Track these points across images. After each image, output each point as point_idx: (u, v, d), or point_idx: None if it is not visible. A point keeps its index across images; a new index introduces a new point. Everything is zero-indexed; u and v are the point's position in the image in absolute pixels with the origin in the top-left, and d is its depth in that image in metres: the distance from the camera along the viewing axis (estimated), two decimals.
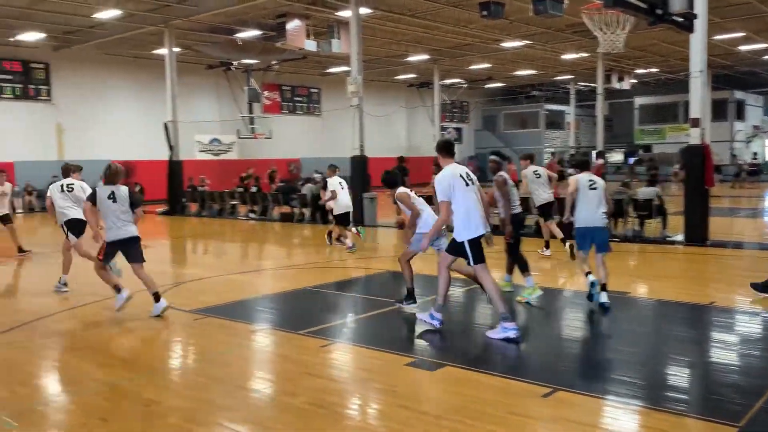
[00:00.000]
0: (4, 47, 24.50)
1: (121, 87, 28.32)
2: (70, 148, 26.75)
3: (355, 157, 18.04)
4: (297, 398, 4.95)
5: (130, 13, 20.92)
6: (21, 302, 8.71)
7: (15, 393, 5.32)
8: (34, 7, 19.97)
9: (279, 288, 9.58)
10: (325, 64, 32.21)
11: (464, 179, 6.38)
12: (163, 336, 7.10)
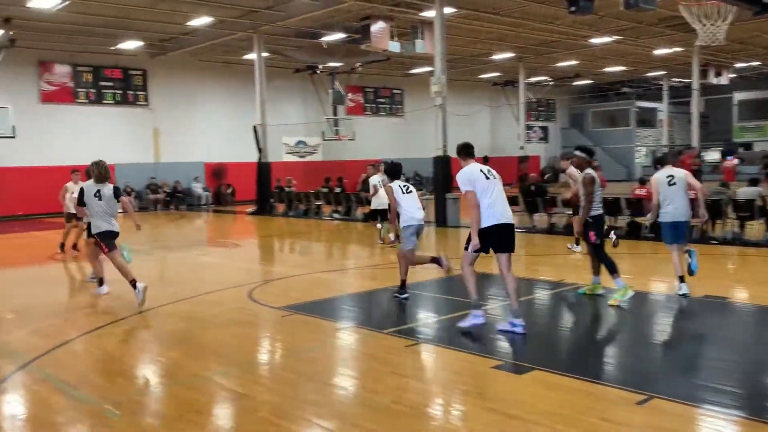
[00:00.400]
0: (106, 56, 25.95)
1: (213, 92, 29.40)
2: (165, 151, 28.03)
3: (437, 157, 17.97)
4: (382, 397, 4.97)
5: (221, 20, 21.70)
6: (118, 298, 9.16)
7: (115, 383, 5.60)
8: (133, 17, 21.04)
9: (363, 287, 9.67)
10: (408, 65, 32.29)
11: (485, 174, 6.73)
12: (252, 332, 7.30)
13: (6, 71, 22.70)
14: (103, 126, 26.31)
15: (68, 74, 25.54)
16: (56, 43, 24.09)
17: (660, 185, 8.11)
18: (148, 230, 19.69)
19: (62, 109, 25.39)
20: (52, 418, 4.79)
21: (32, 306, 8.92)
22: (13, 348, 6.70)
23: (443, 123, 17.90)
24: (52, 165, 24.86)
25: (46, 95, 25.09)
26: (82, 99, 25.84)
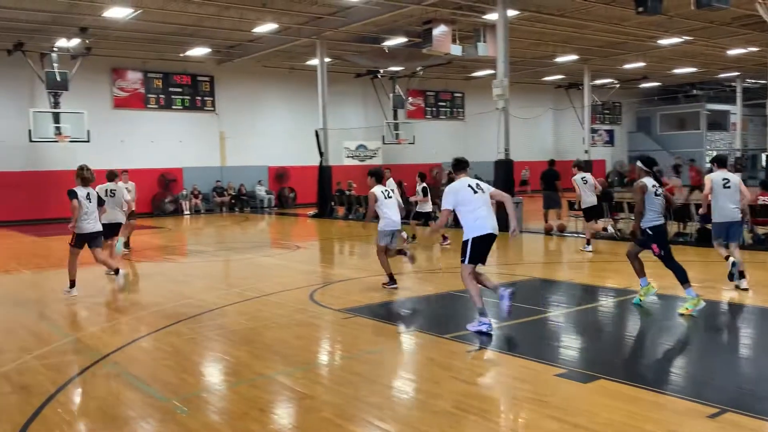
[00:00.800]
0: (175, 62, 26.81)
1: (276, 97, 29.96)
2: (230, 154, 28.73)
3: (499, 161, 17.79)
4: (444, 401, 4.95)
5: (285, 27, 22.12)
6: (186, 297, 9.44)
7: (183, 380, 5.77)
8: (202, 24, 21.68)
9: (423, 291, 9.65)
10: (469, 68, 32.12)
11: (473, 188, 7.20)
12: (314, 333, 7.40)
13: (81, 78, 23.72)
14: (171, 131, 27.19)
15: (139, 81, 26.51)
16: (129, 50, 25.05)
17: (715, 186, 8.85)
18: (213, 232, 20.24)
19: (133, 115, 26.36)
20: (124, 412, 4.97)
21: (104, 304, 9.29)
22: (87, 344, 6.98)
23: (505, 126, 17.71)
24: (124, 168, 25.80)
25: (119, 101, 26.11)
26: (153, 105, 26.78)
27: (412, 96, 33.39)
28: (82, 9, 19.22)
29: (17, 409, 5.04)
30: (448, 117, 35.71)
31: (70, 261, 9.67)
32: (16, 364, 6.22)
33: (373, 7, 19.75)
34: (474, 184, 7.27)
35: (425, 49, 20.47)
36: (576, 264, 11.98)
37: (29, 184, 23.48)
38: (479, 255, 7.17)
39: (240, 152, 28.81)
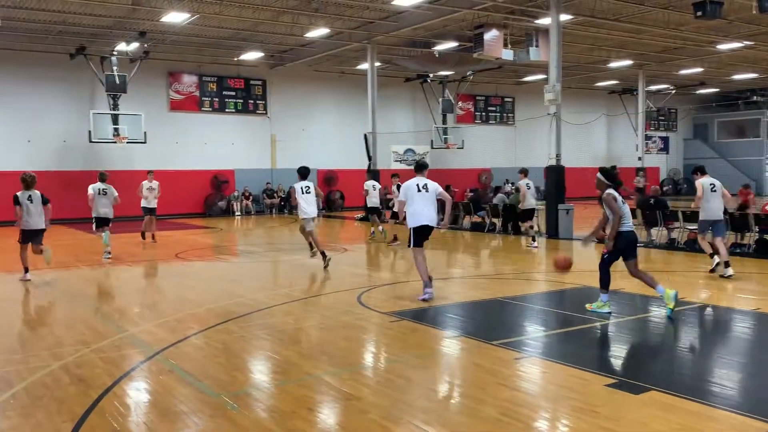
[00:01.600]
0: (229, 66, 27.39)
1: (326, 101, 30.27)
2: (280, 157, 29.14)
3: (550, 166, 17.57)
4: (490, 408, 4.92)
5: (337, 31, 22.35)
6: (237, 296, 9.62)
7: (233, 377, 5.88)
8: (256, 29, 22.09)
9: (470, 297, 9.60)
10: (520, 73, 31.84)
11: (419, 187, 9.12)
12: (362, 335, 7.44)
13: (139, 81, 24.46)
14: (224, 133, 27.76)
15: (194, 84, 27.16)
16: (185, 54, 25.71)
17: (705, 190, 10.77)
18: (262, 233, 20.56)
19: (188, 117, 27.03)
20: (176, 406, 5.10)
21: (157, 301, 9.55)
22: (141, 339, 7.19)
23: (557, 132, 17.49)
24: (178, 169, 26.52)
25: (174, 103, 26.80)
26: (207, 107, 27.41)
27: (461, 100, 33.29)
28: (141, 14, 19.82)
29: (76, 400, 5.23)
30: (498, 122, 35.46)
31: (21, 254, 11.19)
32: (74, 357, 6.45)
33: (424, 12, 19.79)
34: (422, 184, 9.14)
35: (476, 54, 20.40)
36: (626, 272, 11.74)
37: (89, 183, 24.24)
38: (420, 240, 9.09)
39: (290, 155, 29.18)
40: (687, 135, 42.63)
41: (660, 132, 39.38)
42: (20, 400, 5.26)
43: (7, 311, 8.96)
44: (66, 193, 24.05)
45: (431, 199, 9.14)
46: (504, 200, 18.53)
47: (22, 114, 23.83)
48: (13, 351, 6.78)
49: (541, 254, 14.64)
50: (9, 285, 11.31)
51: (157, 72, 26.03)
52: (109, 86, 23.30)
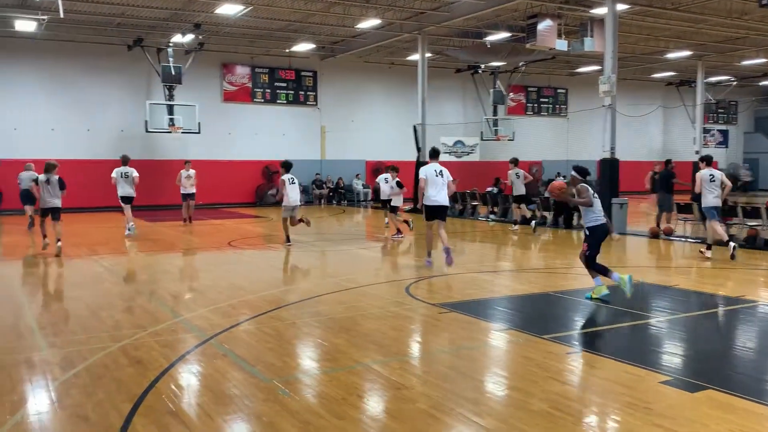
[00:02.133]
0: (281, 58, 27.69)
1: (376, 92, 30.32)
2: (330, 148, 29.37)
3: (604, 159, 17.21)
4: (541, 401, 4.88)
5: (388, 22, 22.33)
6: (287, 284, 9.76)
7: (285, 363, 5.99)
8: (308, 21, 22.26)
9: (520, 290, 9.52)
10: (574, 64, 31.25)
11: (436, 173, 10.96)
12: (411, 326, 7.47)
13: (194, 73, 24.96)
14: (275, 124, 28.12)
15: (247, 75, 27.56)
16: (238, 46, 26.09)
17: (704, 181, 12.09)
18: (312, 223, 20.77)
19: (240, 108, 27.46)
20: (230, 389, 5.22)
21: (211, 287, 9.76)
22: (195, 324, 7.37)
23: (612, 124, 17.11)
24: (231, 159, 27.00)
25: (228, 95, 27.26)
26: (259, 99, 27.79)
27: (513, 92, 32.90)
28: (197, 6, 20.20)
29: (134, 381, 5.41)
30: (550, 114, 34.92)
31: (40, 225, 13.48)
32: (132, 340, 6.66)
33: (476, 2, 19.61)
34: (438, 170, 11.01)
35: (529, 44, 20.11)
36: (684, 269, 11.45)
37: (145, 172, 24.74)
38: (431, 216, 10.98)
39: (339, 146, 29.39)
40: (748, 128, 41.13)
41: (719, 125, 38.11)
42: (82, 379, 5.46)
43: (69, 294, 9.31)
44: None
45: (444, 183, 10.97)
46: None
47: (82, 104, 24.62)
48: (75, 332, 7.04)
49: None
50: (70, 269, 11.73)
51: (211, 63, 26.50)
52: (165, 77, 23.85)
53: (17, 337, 6.87)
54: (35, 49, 23.59)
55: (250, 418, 4.67)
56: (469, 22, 22.21)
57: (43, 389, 5.27)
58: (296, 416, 4.65)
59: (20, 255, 13.47)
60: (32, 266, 12.04)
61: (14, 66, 23.58)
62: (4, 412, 4.77)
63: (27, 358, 6.08)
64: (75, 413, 4.73)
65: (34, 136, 23.68)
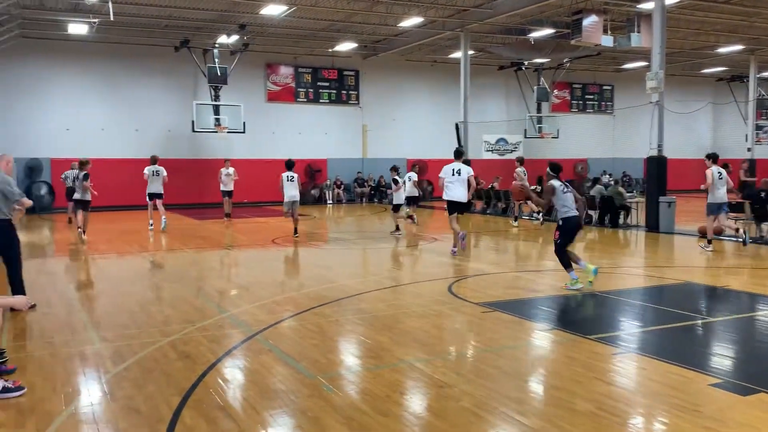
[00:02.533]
0: (324, 57, 27.90)
1: (418, 90, 30.28)
2: (371, 146, 29.47)
3: (651, 157, 16.86)
4: (586, 402, 4.83)
5: (431, 20, 22.29)
6: (330, 281, 9.85)
7: (329, 359, 6.05)
8: (351, 20, 22.38)
9: (565, 290, 9.39)
10: (620, 60, 30.68)
11: (454, 171, 12.00)
12: (454, 324, 7.46)
13: (239, 73, 25.34)
14: (317, 123, 28.35)
15: (290, 75, 27.86)
16: (282, 46, 26.40)
17: (714, 177, 12.62)
18: (353, 221, 20.89)
19: (284, 108, 27.77)
20: (275, 384, 5.31)
21: (255, 283, 9.91)
22: (241, 320, 7.51)
23: (659, 121, 16.74)
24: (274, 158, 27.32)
25: (272, 94, 27.61)
26: (302, 98, 28.06)
27: (557, 89, 32.46)
28: (242, 7, 20.50)
29: (182, 375, 5.54)
30: (596, 111, 34.36)
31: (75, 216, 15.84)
32: (181, 335, 6.82)
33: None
34: (456, 169, 12.00)
35: (574, 41, 19.81)
36: (733, 269, 11.16)
37: (191, 171, 25.45)
38: (452, 210, 12.16)
39: (381, 145, 29.45)
40: None
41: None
42: (133, 373, 5.63)
43: (120, 290, 9.58)
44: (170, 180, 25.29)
45: (462, 181, 11.95)
46: (602, 192, 17.94)
47: (131, 104, 25.24)
48: (126, 327, 7.25)
49: (640, 248, 14.13)
50: (122, 265, 12.07)
51: (256, 64, 26.86)
52: (211, 78, 24.28)
53: (71, 331, 7.10)
54: (86, 52, 24.29)
55: (295, 413, 4.74)
56: (512, 18, 22.00)
57: (96, 382, 5.45)
58: (340, 412, 4.70)
59: (71, 251, 13.90)
60: (84, 262, 12.42)
61: (67, 68, 24.31)
62: (60, 403, 4.95)
63: (80, 352, 6.29)
64: (127, 405, 4.88)
65: (85, 136, 24.38)
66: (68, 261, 12.78)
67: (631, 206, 17.86)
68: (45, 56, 23.84)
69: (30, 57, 23.62)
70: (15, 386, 5.12)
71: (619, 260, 12.30)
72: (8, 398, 4.99)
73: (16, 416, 4.70)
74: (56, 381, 5.43)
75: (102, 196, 22.63)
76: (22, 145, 23.38)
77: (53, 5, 20.04)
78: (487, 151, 31.72)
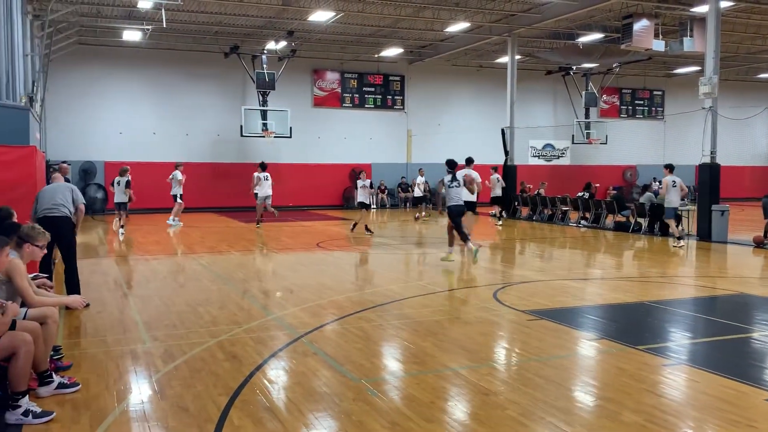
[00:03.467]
0: (370, 63, 28.05)
1: (463, 95, 30.16)
2: (415, 151, 29.46)
3: (704, 164, 16.42)
4: (635, 414, 4.73)
5: (478, 25, 22.21)
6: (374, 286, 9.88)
7: (373, 364, 6.07)
8: (397, 26, 22.46)
9: (613, 299, 9.23)
10: (671, 65, 30.01)
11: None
12: (499, 332, 7.40)
13: (286, 79, 25.69)
14: (363, 128, 28.51)
15: (337, 81, 28.09)
16: (328, 52, 26.66)
17: (669, 185, 14.80)
18: (397, 226, 20.92)
19: (330, 113, 28.02)
20: (320, 387, 5.35)
21: (300, 286, 10.01)
22: (287, 322, 7.59)
23: (712, 127, 16.31)
24: (319, 163, 27.59)
25: (318, 100, 27.88)
26: (347, 103, 28.27)
27: (606, 94, 31.93)
28: (290, 13, 20.80)
29: (230, 375, 5.63)
30: (646, 116, 33.65)
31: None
32: (228, 335, 6.94)
33: (569, 3, 19.19)
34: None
35: (624, 45, 19.48)
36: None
37: (240, 175, 25.85)
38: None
39: (425, 150, 29.42)
40: None
41: None
42: (182, 372, 5.74)
43: (170, 290, 9.80)
44: (219, 184, 25.82)
45: (462, 187, 12.50)
46: (652, 199, 17.54)
47: (182, 110, 25.82)
48: (175, 327, 7.41)
49: (691, 258, 13.78)
50: (171, 267, 12.34)
51: (303, 69, 27.18)
52: (259, 83, 24.67)
53: (123, 330, 7.30)
54: (139, 58, 24.96)
55: (339, 416, 4.77)
56: (560, 23, 21.76)
57: (146, 380, 5.58)
58: (385, 416, 4.71)
59: (124, 253, 14.28)
60: (136, 264, 12.75)
61: (121, 74, 25.03)
62: (112, 400, 5.09)
63: (132, 350, 6.45)
64: (176, 404, 4.98)
65: (137, 140, 25.04)
66: (120, 261, 13.13)
67: (682, 214, 17.43)
68: (100, 62, 24.60)
69: (86, 63, 24.41)
70: (70, 382, 5.29)
71: (669, 270, 12.01)
72: (64, 394, 5.16)
73: (71, 412, 4.85)
74: (109, 378, 5.58)
75: (152, 199, 23.30)
76: (77, 148, 24.17)
77: (109, 13, 20.68)
78: (534, 157, 31.39)
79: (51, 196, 8.33)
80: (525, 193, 23.85)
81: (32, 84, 17.44)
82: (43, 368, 5.10)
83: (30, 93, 16.46)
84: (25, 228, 5.72)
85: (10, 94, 12.61)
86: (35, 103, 16.95)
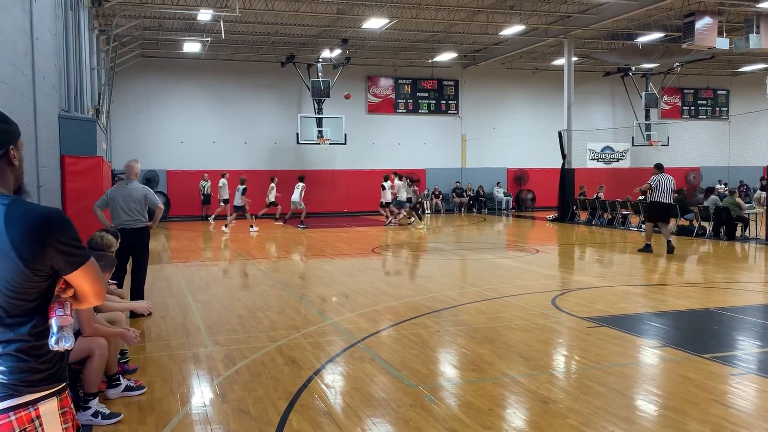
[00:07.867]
0: (423, 68, 28.08)
1: (518, 98, 29.85)
2: (470, 156, 29.31)
3: None
4: (701, 424, 4.58)
5: (533, 28, 21.96)
6: (430, 292, 9.86)
7: (430, 370, 6.06)
8: (450, 30, 22.42)
9: (677, 305, 8.95)
10: (736, 63, 28.97)
11: None
12: (558, 339, 7.28)
13: (341, 85, 25.93)
14: (417, 134, 28.53)
15: (390, 87, 28.23)
16: (382, 59, 26.82)
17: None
18: (452, 231, 20.83)
19: (384, 119, 28.16)
20: (377, 393, 5.38)
21: (356, 292, 10.08)
22: (344, 327, 7.66)
23: None
24: (374, 169, 27.74)
25: (372, 106, 28.07)
26: (401, 109, 28.36)
27: (666, 94, 31.07)
28: (344, 22, 21.02)
29: (289, 380, 5.72)
30: (709, 116, 32.57)
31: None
32: (287, 340, 7.05)
33: (627, 2, 18.79)
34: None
35: (685, 44, 18.90)
36: None
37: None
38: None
39: (479, 154, 29.25)
40: None
41: None
42: (243, 376, 5.86)
43: (230, 295, 10.02)
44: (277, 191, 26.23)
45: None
46: (717, 202, 16.96)
47: (240, 118, 26.41)
48: (235, 331, 7.57)
49: (759, 263, 13.25)
50: (232, 272, 12.60)
51: (357, 77, 27.41)
52: (315, 91, 25.01)
53: (186, 334, 7.50)
54: (199, 69, 25.66)
55: (396, 421, 4.78)
56: (618, 23, 21.30)
57: (209, 383, 5.72)
58: (442, 423, 4.69)
59: (187, 258, 14.67)
60: (199, 269, 13.08)
61: (181, 84, 25.79)
62: (176, 402, 5.23)
63: (194, 354, 6.62)
64: (237, 407, 5.09)
65: (198, 148, 25.73)
66: (183, 267, 13.50)
67: (749, 218, 16.78)
68: (162, 74, 25.40)
69: (148, 75, 25.24)
70: (136, 385, 5.47)
71: (736, 275, 11.58)
72: (131, 396, 5.34)
73: (137, 414, 5.01)
74: (173, 381, 5.75)
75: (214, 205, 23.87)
76: (140, 157, 24.71)
77: (170, 26, 21.34)
78: (592, 160, 30.76)
79: (127, 204, 8.33)
80: (583, 196, 23.40)
81: (98, 96, 18.15)
82: (112, 371, 5.30)
83: (96, 105, 17.14)
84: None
85: (79, 107, 13.16)
86: (101, 115, 17.62)
